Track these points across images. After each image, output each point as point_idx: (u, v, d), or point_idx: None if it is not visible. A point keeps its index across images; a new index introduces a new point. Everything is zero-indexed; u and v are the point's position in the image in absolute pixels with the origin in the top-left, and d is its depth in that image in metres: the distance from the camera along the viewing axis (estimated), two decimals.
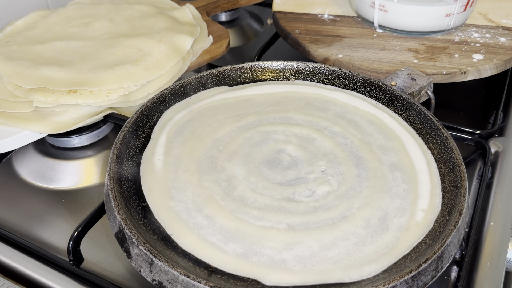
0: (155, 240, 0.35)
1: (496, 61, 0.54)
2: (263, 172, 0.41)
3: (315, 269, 0.33)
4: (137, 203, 0.38)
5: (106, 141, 0.53)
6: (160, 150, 0.43)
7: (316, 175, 0.40)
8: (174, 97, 0.49)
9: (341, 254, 0.34)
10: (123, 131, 0.42)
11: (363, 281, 0.33)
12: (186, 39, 0.58)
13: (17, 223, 0.44)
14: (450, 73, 0.53)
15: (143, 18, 0.63)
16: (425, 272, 0.32)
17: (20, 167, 0.50)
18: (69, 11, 0.64)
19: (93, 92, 0.49)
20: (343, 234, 0.36)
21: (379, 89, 0.49)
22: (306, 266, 0.34)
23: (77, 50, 0.56)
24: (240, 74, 0.52)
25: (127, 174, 0.40)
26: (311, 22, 0.64)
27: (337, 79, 0.51)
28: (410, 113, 0.47)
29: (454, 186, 0.38)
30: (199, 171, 0.41)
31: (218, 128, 0.45)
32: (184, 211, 0.37)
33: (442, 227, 0.36)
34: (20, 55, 0.55)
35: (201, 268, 0.33)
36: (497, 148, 0.50)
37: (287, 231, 0.36)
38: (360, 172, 0.41)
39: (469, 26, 0.62)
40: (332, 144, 0.44)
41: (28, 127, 0.48)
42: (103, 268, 0.40)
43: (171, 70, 0.55)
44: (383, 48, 0.58)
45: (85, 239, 0.40)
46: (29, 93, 0.49)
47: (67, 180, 0.48)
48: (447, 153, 0.41)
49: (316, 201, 0.38)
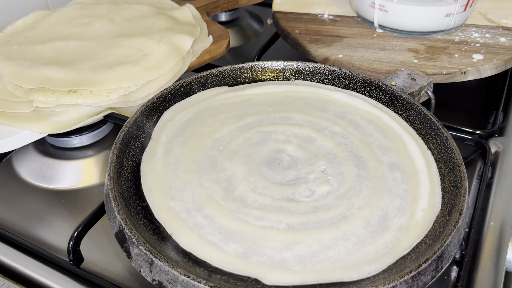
0: (155, 240, 0.35)
1: (496, 61, 0.54)
2: (263, 172, 0.41)
3: (315, 269, 0.33)
4: (137, 203, 0.38)
5: (106, 141, 0.53)
6: (160, 150, 0.43)
7: (316, 175, 0.40)
8: (174, 97, 0.49)
9: (341, 254, 0.34)
10: (123, 131, 0.42)
11: (363, 281, 0.33)
12: (186, 39, 0.58)
13: (17, 223, 0.44)
14: (450, 73, 0.53)
15: (143, 18, 0.63)
16: (425, 272, 0.32)
17: (20, 167, 0.50)
18: (69, 11, 0.64)
19: (93, 92, 0.49)
20: (343, 234, 0.36)
21: (379, 89, 0.49)
22: (306, 266, 0.34)
23: (77, 50, 0.56)
24: (240, 74, 0.52)
25: (127, 174, 0.40)
26: (311, 22, 0.64)
27: (337, 79, 0.51)
28: (410, 113, 0.47)
29: (454, 186, 0.38)
30: (199, 171, 0.41)
31: (218, 128, 0.45)
32: (184, 211, 0.37)
33: (442, 227, 0.36)
34: (20, 55, 0.55)
35: (201, 268, 0.33)
36: (497, 148, 0.50)
37: (287, 231, 0.36)
38: (360, 172, 0.41)
39: (469, 26, 0.62)
40: (332, 144, 0.44)
41: (28, 127, 0.48)
42: (103, 268, 0.40)
43: (171, 70, 0.55)
44: (383, 48, 0.58)
45: (85, 239, 0.40)
46: (29, 93, 0.49)
47: (67, 180, 0.48)
48: (447, 153, 0.41)
49: (316, 201, 0.38)
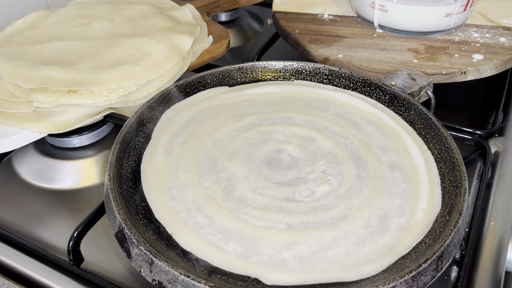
0: (155, 240, 0.35)
1: (496, 61, 0.54)
2: (263, 172, 0.41)
3: (315, 269, 0.33)
4: (137, 203, 0.38)
5: (106, 141, 0.53)
6: (160, 150, 0.43)
7: (316, 175, 0.40)
8: (174, 97, 0.49)
9: (341, 254, 0.34)
10: (123, 131, 0.42)
11: (363, 281, 0.33)
12: (186, 39, 0.58)
13: (17, 223, 0.44)
14: (450, 73, 0.53)
15: (143, 18, 0.63)
16: (425, 272, 0.32)
17: (20, 167, 0.50)
18: (69, 11, 0.64)
19: (93, 92, 0.49)
20: (343, 233, 0.36)
21: (379, 89, 0.49)
22: (306, 266, 0.33)
23: (77, 50, 0.56)
24: (240, 74, 0.52)
25: (127, 174, 0.40)
26: (311, 22, 0.64)
27: (337, 79, 0.51)
28: (410, 113, 0.47)
29: (454, 186, 0.38)
30: (199, 171, 0.41)
31: (218, 128, 0.45)
32: (184, 210, 0.37)
33: (442, 227, 0.36)
34: (20, 55, 0.55)
35: (201, 268, 0.33)
36: (497, 148, 0.50)
37: (287, 231, 0.36)
38: (360, 172, 0.41)
39: (469, 26, 0.62)
40: (332, 144, 0.44)
41: (28, 127, 0.48)
42: (103, 268, 0.40)
43: (171, 70, 0.55)
44: (383, 48, 0.58)
45: (85, 239, 0.40)
46: (29, 93, 0.49)
47: (67, 180, 0.48)
48: (447, 153, 0.41)
49: (316, 201, 0.38)
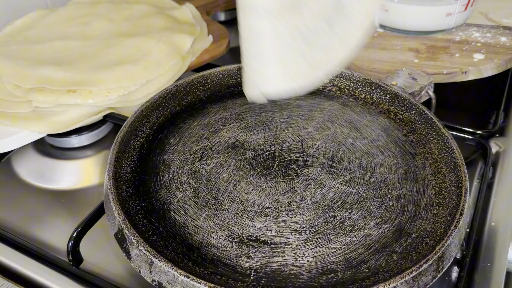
0: (154, 241, 0.35)
1: (497, 60, 0.54)
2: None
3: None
4: (136, 203, 0.38)
5: (105, 141, 0.53)
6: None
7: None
8: (173, 97, 0.48)
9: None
10: (122, 131, 0.42)
11: (363, 281, 0.32)
12: (186, 39, 0.58)
13: (16, 223, 0.44)
14: (451, 73, 0.53)
15: (143, 18, 0.63)
16: (425, 273, 0.32)
17: (19, 167, 0.50)
18: (69, 10, 0.64)
19: (93, 92, 0.49)
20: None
21: (380, 88, 0.49)
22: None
23: (76, 50, 0.56)
24: (240, 74, 0.52)
25: (126, 174, 0.40)
26: None
27: (338, 79, 0.51)
28: (411, 113, 0.46)
29: (455, 186, 0.38)
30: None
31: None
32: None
33: (443, 227, 0.36)
34: (19, 54, 0.55)
35: (201, 268, 0.33)
36: (498, 148, 0.50)
37: None
38: None
39: (470, 25, 0.62)
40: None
41: (27, 127, 0.48)
42: (102, 268, 0.40)
43: (171, 70, 0.55)
44: (384, 48, 0.58)
45: (85, 240, 0.39)
46: (28, 93, 0.49)
47: (67, 180, 0.48)
48: (448, 153, 0.41)
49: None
